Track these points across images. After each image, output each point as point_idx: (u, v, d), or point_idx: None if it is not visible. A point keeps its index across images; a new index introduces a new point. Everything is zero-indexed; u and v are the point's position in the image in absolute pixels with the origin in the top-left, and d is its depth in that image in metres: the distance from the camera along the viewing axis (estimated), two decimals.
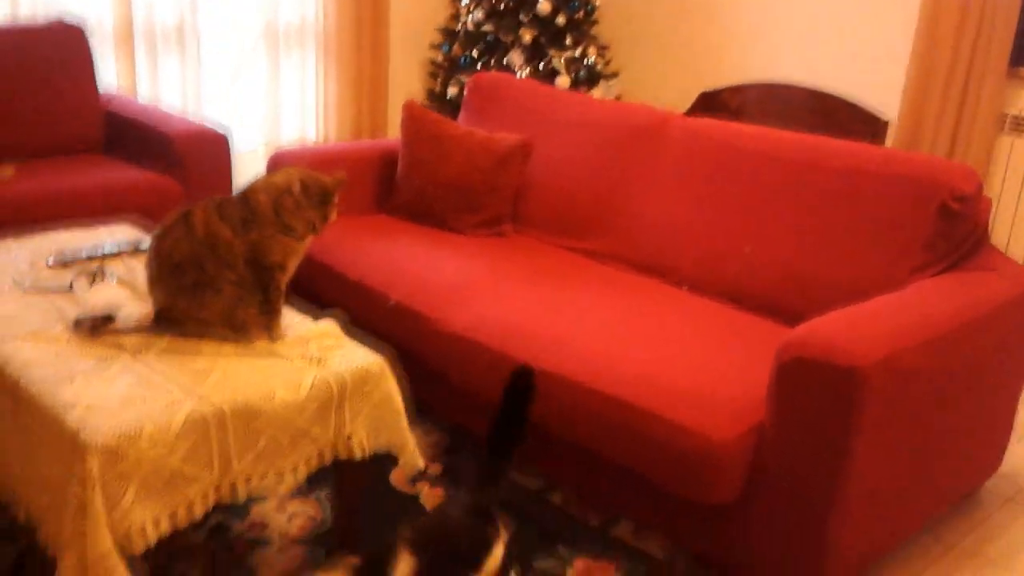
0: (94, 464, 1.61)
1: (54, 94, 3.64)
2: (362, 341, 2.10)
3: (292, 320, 2.13)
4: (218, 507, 2.30)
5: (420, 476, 2.55)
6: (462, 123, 3.45)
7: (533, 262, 2.91)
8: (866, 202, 2.48)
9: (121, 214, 3.10)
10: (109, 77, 4.16)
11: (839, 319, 2.01)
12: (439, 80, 5.36)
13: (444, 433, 2.78)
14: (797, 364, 1.92)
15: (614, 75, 5.34)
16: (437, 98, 5.33)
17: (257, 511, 2.35)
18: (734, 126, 2.86)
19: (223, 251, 1.94)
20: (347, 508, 2.16)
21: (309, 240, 2.01)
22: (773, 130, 2.79)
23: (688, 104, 5.13)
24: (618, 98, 5.39)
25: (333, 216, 2.00)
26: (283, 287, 2.02)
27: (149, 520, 1.70)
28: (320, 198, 1.96)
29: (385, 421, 2.03)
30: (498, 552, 1.75)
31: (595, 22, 5.27)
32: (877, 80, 4.45)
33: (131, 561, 1.66)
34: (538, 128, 3.23)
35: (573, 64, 5.13)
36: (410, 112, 3.25)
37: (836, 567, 2.03)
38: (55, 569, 1.68)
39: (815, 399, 1.91)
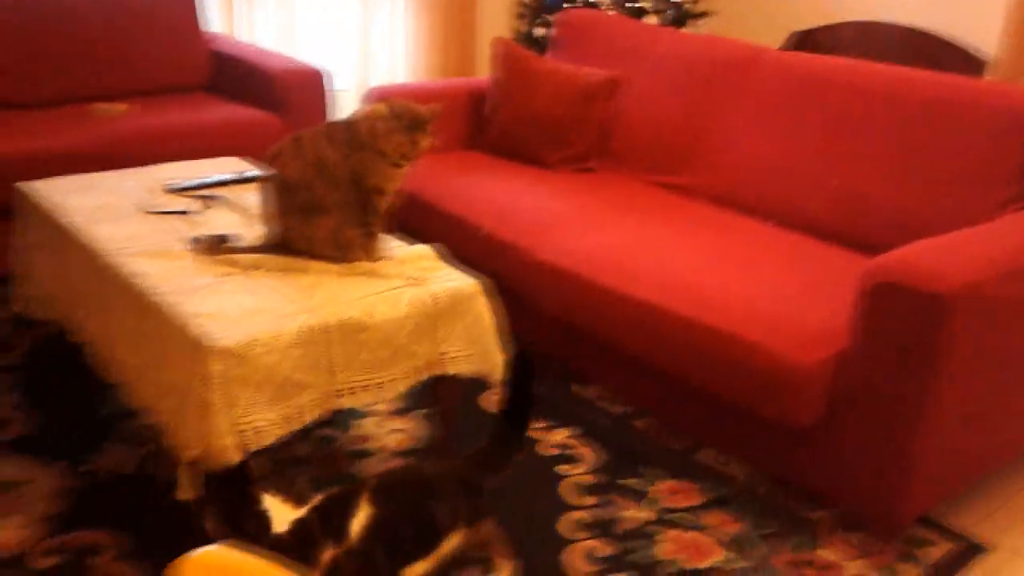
0: (216, 367, 1.76)
1: (161, 35, 3.81)
2: (462, 271, 2.20)
3: (391, 244, 2.25)
4: (324, 421, 2.48)
5: None
6: (550, 60, 3.50)
7: (619, 196, 2.97)
8: (955, 134, 2.47)
9: (225, 149, 3.26)
10: (211, 19, 4.33)
11: (925, 247, 2.03)
12: (526, 20, 5.38)
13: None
14: (882, 289, 1.95)
15: (703, 15, 5.28)
16: (524, 39, 5.36)
17: (360, 426, 2.50)
18: (824, 59, 2.85)
19: (330, 172, 2.06)
20: (442, 425, 2.29)
21: (406, 168, 2.11)
22: (864, 62, 2.78)
23: (779, 45, 5.05)
24: None
25: (425, 144, 2.07)
26: (382, 210, 2.14)
27: (263, 422, 1.85)
28: (411, 124, 2.04)
29: (478, 341, 2.14)
30: (456, 539, 1.73)
31: None
32: (976, 17, 4.31)
33: (245, 459, 1.82)
34: (627, 63, 3.26)
35: (661, 3, 5.10)
36: (500, 49, 3.32)
37: (916, 494, 2.08)
38: (177, 469, 1.85)
39: (899, 324, 1.94)
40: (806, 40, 5.04)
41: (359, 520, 1.63)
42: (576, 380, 2.78)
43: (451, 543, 1.73)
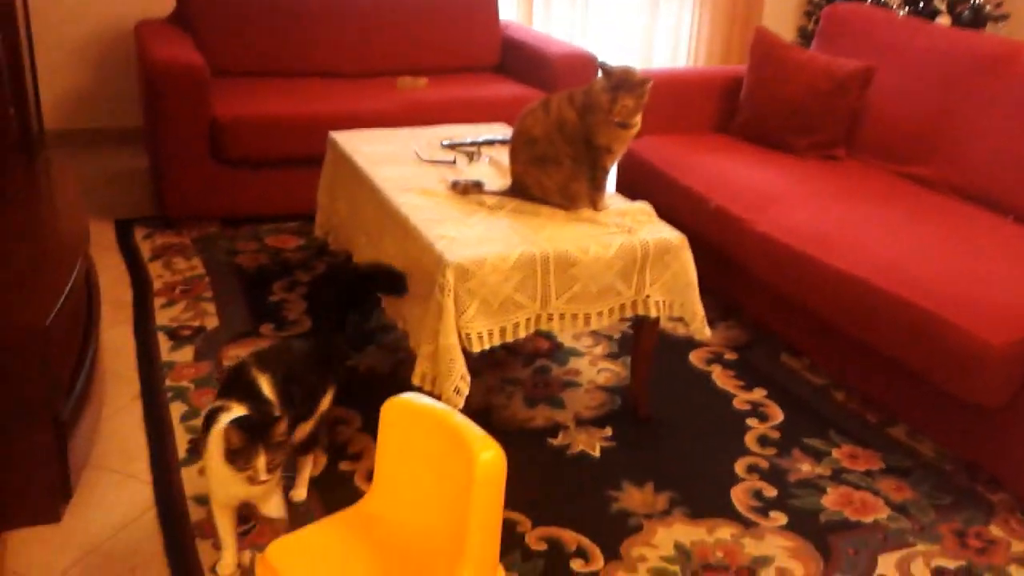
0: (450, 277, 2.15)
1: (462, 22, 4.35)
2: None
3: (614, 199, 2.54)
4: (544, 353, 2.83)
5: (715, 359, 2.87)
6: (814, 51, 3.60)
7: (857, 183, 3.05)
8: None
9: (504, 120, 3.70)
10: (510, 9, 4.84)
11: None
12: (813, 18, 5.42)
13: (745, 330, 3.06)
14: None
15: (1003, 17, 5.04)
16: (808, 35, 5.40)
17: (574, 362, 2.83)
18: None
19: (567, 131, 2.39)
20: (642, 364, 2.55)
21: (633, 131, 2.39)
22: None
23: None
24: None
25: (628, 102, 2.28)
26: (608, 167, 2.43)
27: (485, 330, 2.22)
28: (617, 84, 2.28)
29: (679, 289, 2.38)
30: (327, 401, 2.10)
31: None
32: None
33: (467, 356, 2.19)
34: (884, 56, 3.30)
35: (957, 4, 4.93)
36: (760, 37, 3.48)
37: None
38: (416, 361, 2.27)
39: None
40: None
41: (265, 386, 1.92)
42: (786, 350, 2.92)
43: (325, 404, 2.09)
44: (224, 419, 1.76)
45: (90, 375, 2.27)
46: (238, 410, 1.80)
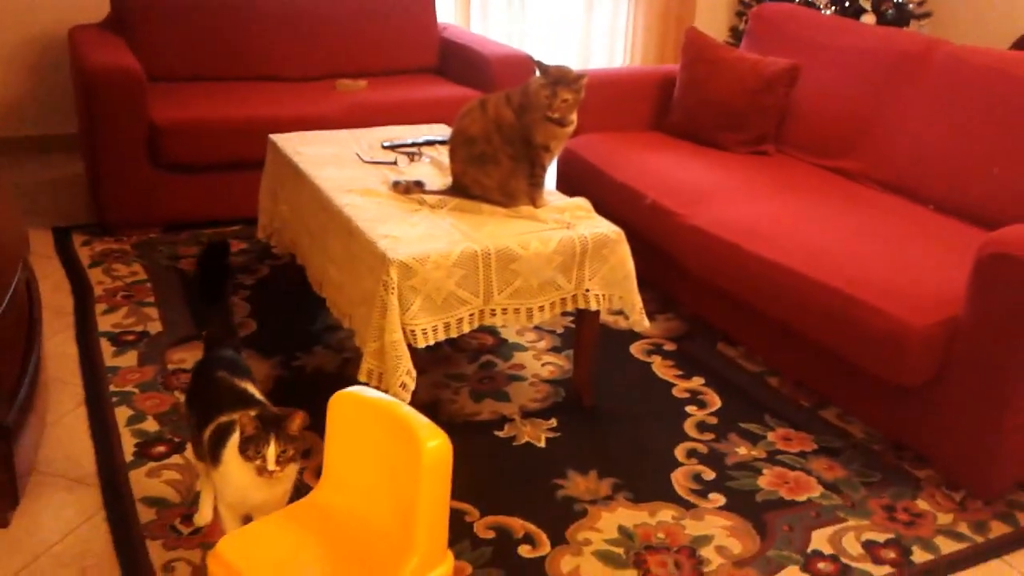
0: (394, 274, 2.19)
1: (400, 25, 4.39)
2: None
3: (552, 195, 2.60)
4: (488, 349, 2.88)
5: (654, 350, 2.96)
6: (743, 50, 3.71)
7: (785, 177, 3.16)
8: None
9: (443, 121, 3.75)
10: (447, 11, 4.88)
11: None
12: (743, 18, 5.56)
13: (683, 321, 3.15)
14: (992, 259, 2.07)
15: (926, 15, 5.23)
16: (739, 35, 5.54)
17: (518, 356, 2.89)
18: (998, 52, 2.90)
19: (506, 130, 2.45)
20: (584, 356, 2.62)
21: (570, 128, 2.46)
22: None
23: (1007, 46, 4.92)
24: None
25: (567, 96, 2.35)
26: (546, 165, 2.50)
27: (429, 325, 2.26)
28: (555, 80, 2.35)
29: (618, 282, 2.46)
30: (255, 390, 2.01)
31: None
32: None
33: (414, 353, 2.24)
34: (810, 54, 3.43)
35: (881, 3, 5.11)
36: (691, 37, 3.58)
37: (1018, 459, 2.17)
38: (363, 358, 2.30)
39: (1007, 293, 2.05)
40: None
41: (254, 391, 1.96)
42: (723, 339, 3.02)
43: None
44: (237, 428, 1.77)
45: (34, 382, 2.26)
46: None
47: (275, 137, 3.11)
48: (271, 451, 1.70)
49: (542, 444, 2.44)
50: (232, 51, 4.08)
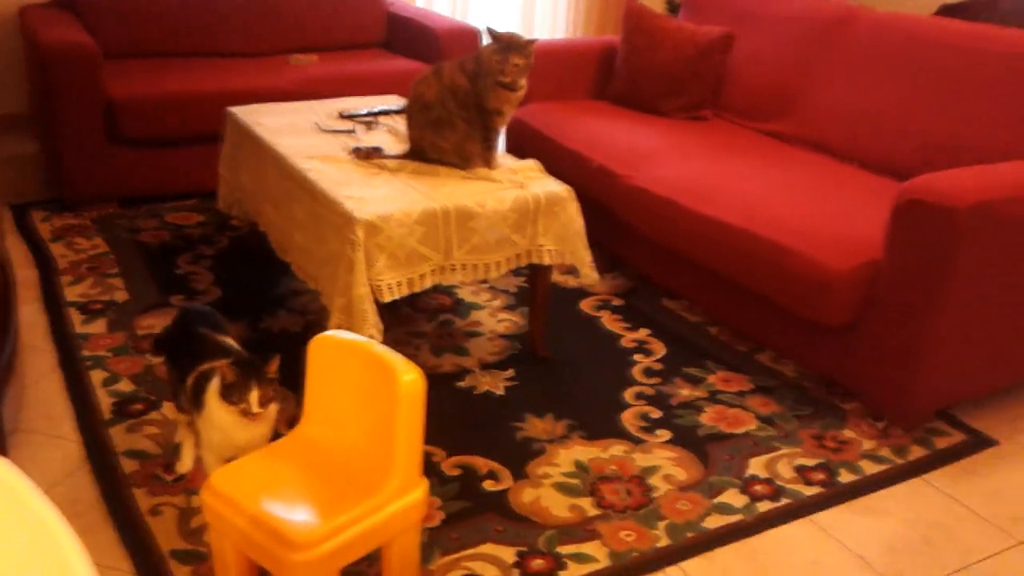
0: (360, 232, 2.33)
1: (348, 1, 4.48)
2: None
3: (505, 158, 2.76)
4: (445, 308, 3.02)
5: (603, 306, 3.14)
6: (681, 20, 3.89)
7: (721, 139, 3.36)
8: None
9: (393, 92, 3.87)
10: None
11: (951, 173, 2.34)
12: None
13: (629, 279, 3.34)
14: (908, 205, 2.29)
15: None
16: (675, 8, 5.73)
17: (475, 315, 3.04)
18: (915, 17, 3.12)
19: (460, 95, 2.59)
20: (538, 310, 2.79)
21: (520, 93, 2.61)
22: (953, 21, 3.03)
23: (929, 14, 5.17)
24: None
25: (518, 61, 2.49)
26: (499, 128, 2.65)
27: (394, 280, 2.41)
28: (506, 46, 2.50)
29: (568, 238, 2.62)
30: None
31: None
32: None
33: (378, 309, 2.38)
34: (744, 22, 3.62)
35: None
36: (630, 8, 3.75)
37: (932, 389, 2.40)
38: (329, 319, 2.44)
39: (920, 236, 2.27)
40: (957, 13, 5.14)
41: (231, 342, 2.11)
42: (666, 294, 3.21)
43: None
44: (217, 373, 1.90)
45: (14, 346, 2.36)
46: (223, 363, 1.92)
47: (234, 109, 3.20)
48: (254, 395, 1.84)
49: (501, 392, 2.61)
50: (185, 27, 4.14)
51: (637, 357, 2.82)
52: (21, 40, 4.00)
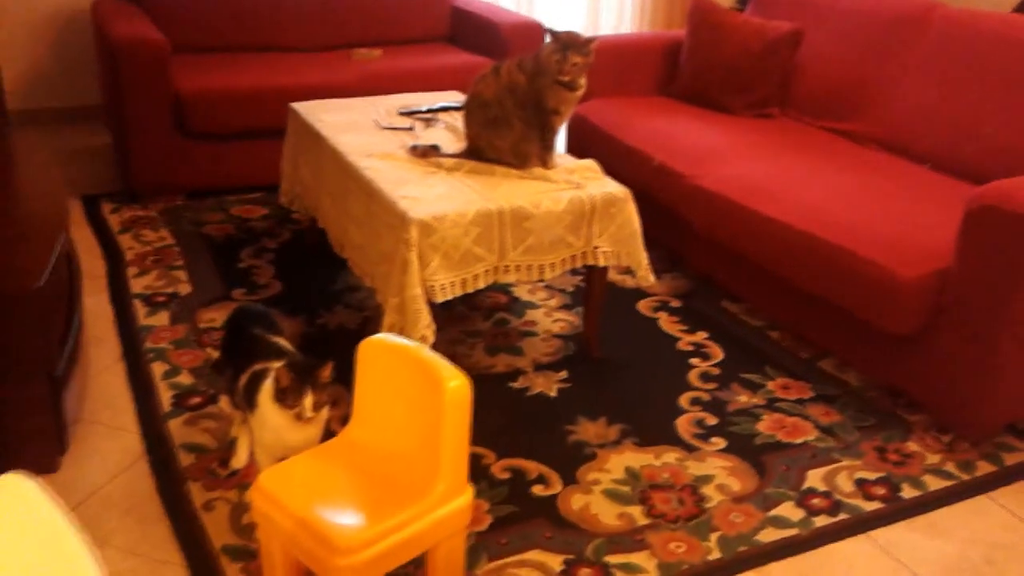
0: (414, 232, 2.33)
1: None
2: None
3: (563, 158, 2.73)
4: (502, 306, 3.01)
5: (661, 307, 3.09)
6: (748, 15, 3.80)
7: (788, 138, 3.27)
8: None
9: (456, 88, 3.86)
10: None
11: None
12: None
13: (688, 280, 3.28)
14: (980, 211, 2.19)
15: None
16: (745, 3, 5.61)
17: (531, 314, 3.02)
18: (993, 14, 2.99)
19: (519, 94, 2.57)
20: (593, 310, 2.76)
21: (580, 92, 2.57)
22: None
23: (1011, 8, 4.97)
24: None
25: (576, 60, 2.46)
26: (556, 128, 2.62)
27: (448, 281, 2.40)
28: (565, 44, 2.47)
29: (625, 240, 2.58)
30: None
31: None
32: None
33: (433, 308, 2.38)
34: (812, 18, 3.52)
35: None
36: (696, 3, 3.68)
37: (1003, 402, 2.30)
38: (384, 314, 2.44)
39: (992, 243, 2.18)
40: None
41: (285, 344, 2.13)
42: (726, 296, 3.15)
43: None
44: (271, 375, 1.92)
45: (77, 337, 2.42)
46: (278, 366, 1.93)
47: (296, 105, 3.23)
48: (308, 400, 1.86)
49: (554, 394, 2.59)
50: (251, 23, 4.20)
51: (694, 361, 2.76)
52: (94, 33, 4.10)
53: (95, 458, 2.27)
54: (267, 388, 1.91)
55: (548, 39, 2.53)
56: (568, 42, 2.48)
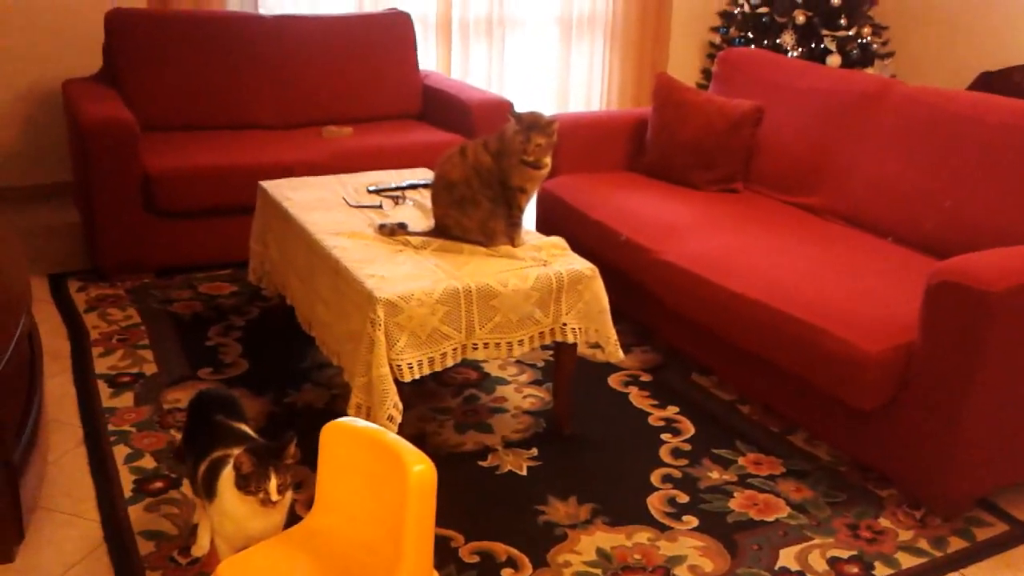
0: (381, 312, 2.32)
1: (383, 71, 4.55)
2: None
3: (530, 235, 2.74)
4: (471, 383, 2.99)
5: (631, 381, 3.08)
6: (712, 93, 3.89)
7: (752, 213, 3.32)
8: None
9: (427, 164, 3.90)
10: (429, 59, 5.06)
11: (985, 254, 2.27)
12: (714, 61, 5.77)
13: (658, 353, 3.28)
14: (940, 287, 2.22)
15: (889, 55, 5.45)
16: (711, 77, 5.74)
17: (501, 390, 3.00)
18: (949, 92, 3.08)
19: (484, 174, 2.59)
20: (563, 387, 2.75)
21: (544, 171, 2.60)
22: (987, 95, 2.98)
23: (965, 85, 5.13)
24: (892, 77, 5.48)
25: (540, 141, 2.49)
26: (523, 206, 2.64)
27: (415, 360, 2.39)
28: (528, 126, 2.50)
29: (593, 316, 2.59)
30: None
31: (874, 2, 5.40)
32: None
33: (400, 388, 2.36)
34: (773, 95, 3.60)
35: (846, 44, 5.32)
36: (660, 82, 3.76)
37: (971, 476, 2.30)
38: (351, 393, 2.42)
39: (954, 318, 2.20)
40: (996, 79, 5.08)
41: (247, 429, 2.07)
42: (696, 369, 3.15)
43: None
44: (231, 461, 1.86)
45: (36, 422, 2.37)
46: (238, 452, 1.87)
47: (265, 184, 3.24)
48: (272, 484, 1.81)
49: (524, 472, 2.55)
50: (222, 101, 4.23)
51: (665, 436, 2.75)
52: (64, 112, 4.11)
53: (52, 547, 2.20)
54: (227, 476, 1.87)
55: (512, 120, 2.56)
56: (531, 123, 2.52)
